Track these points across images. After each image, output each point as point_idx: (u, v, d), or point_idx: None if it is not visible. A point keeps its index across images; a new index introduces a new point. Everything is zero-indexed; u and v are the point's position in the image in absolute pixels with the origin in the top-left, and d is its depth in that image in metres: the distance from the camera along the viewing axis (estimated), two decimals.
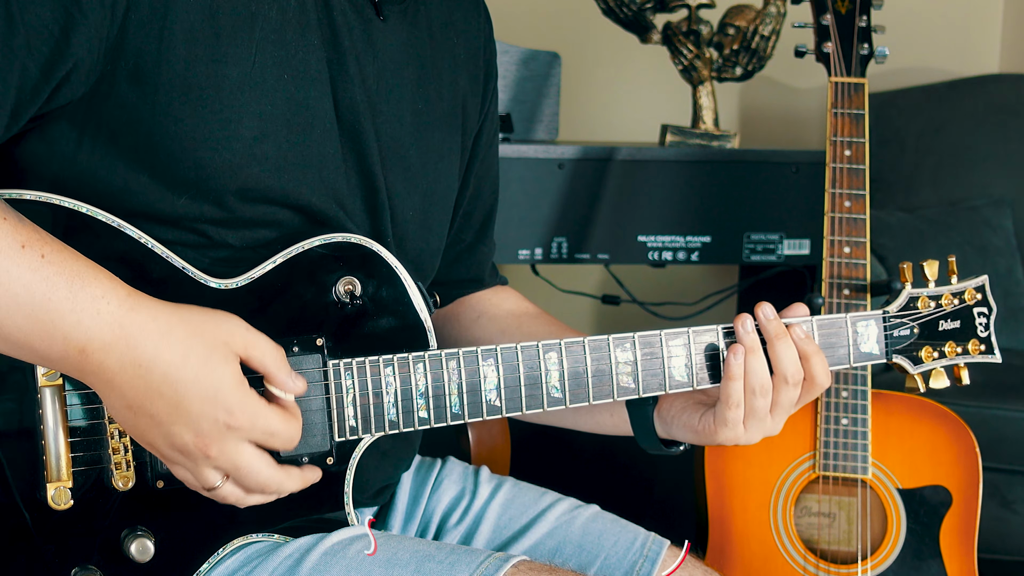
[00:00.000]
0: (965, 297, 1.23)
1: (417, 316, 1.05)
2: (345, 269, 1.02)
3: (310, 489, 1.02)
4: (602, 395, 1.08)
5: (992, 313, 1.24)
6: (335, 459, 1.03)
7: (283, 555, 1.01)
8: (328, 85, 1.04)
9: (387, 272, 1.04)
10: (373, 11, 1.09)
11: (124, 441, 0.96)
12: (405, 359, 1.03)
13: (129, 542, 0.96)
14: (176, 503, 0.98)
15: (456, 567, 0.99)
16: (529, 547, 1.18)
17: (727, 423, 1.09)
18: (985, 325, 1.24)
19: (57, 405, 0.94)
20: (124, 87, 0.94)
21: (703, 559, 1.65)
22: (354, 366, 1.02)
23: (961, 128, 2.88)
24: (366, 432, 1.03)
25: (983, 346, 1.23)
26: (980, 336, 1.23)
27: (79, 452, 0.95)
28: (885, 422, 1.61)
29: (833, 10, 1.66)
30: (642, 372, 1.09)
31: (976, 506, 1.60)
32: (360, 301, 1.03)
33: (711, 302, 2.29)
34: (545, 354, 1.06)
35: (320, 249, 1.02)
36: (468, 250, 1.31)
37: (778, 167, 2.03)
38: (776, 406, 1.10)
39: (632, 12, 2.11)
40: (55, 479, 0.94)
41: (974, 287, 1.24)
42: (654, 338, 1.09)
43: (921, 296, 1.20)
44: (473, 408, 1.05)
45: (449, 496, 1.25)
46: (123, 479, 0.96)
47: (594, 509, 1.23)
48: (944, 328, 1.21)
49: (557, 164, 1.95)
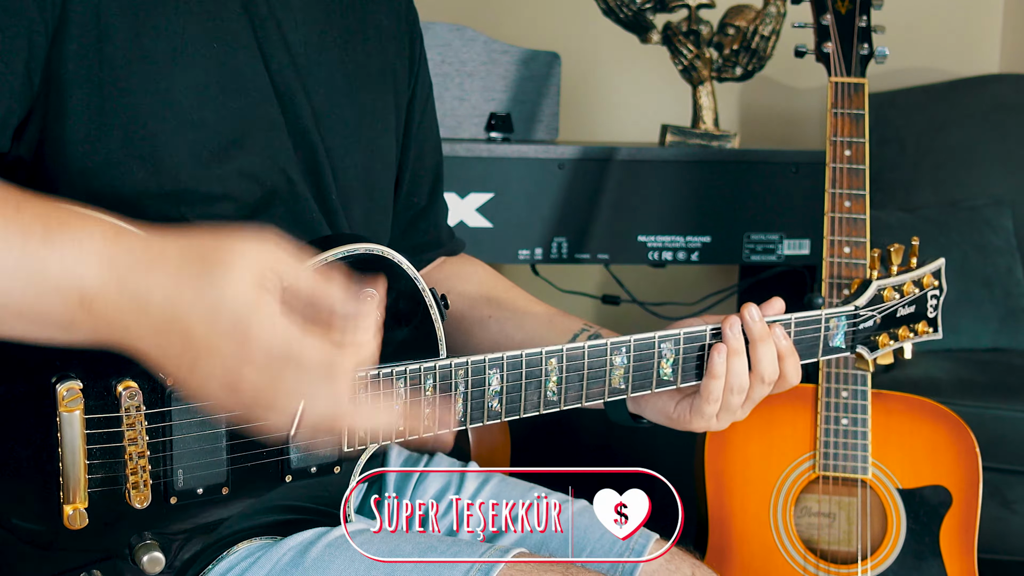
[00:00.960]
0: (923, 282, 1.26)
1: (431, 325, 1.06)
2: (365, 282, 1.03)
3: (314, 492, 1.03)
4: (595, 396, 1.10)
5: (942, 294, 1.28)
6: (342, 467, 1.04)
7: (286, 547, 1.01)
8: (257, 51, 1.06)
9: (406, 282, 1.05)
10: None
11: (142, 462, 0.94)
12: (417, 371, 1.03)
13: (141, 554, 0.96)
14: (188, 516, 0.98)
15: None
16: (514, 542, 1.19)
17: (703, 415, 1.13)
18: (935, 306, 1.28)
19: (76, 430, 0.91)
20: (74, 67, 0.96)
21: (703, 559, 1.65)
22: (368, 377, 1.02)
23: (961, 128, 2.88)
24: (374, 441, 1.04)
25: (930, 327, 1.27)
26: (928, 317, 1.26)
27: (96, 474, 0.94)
28: (885, 422, 1.61)
29: (833, 10, 1.66)
30: (633, 374, 1.10)
31: (976, 506, 1.60)
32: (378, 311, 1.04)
33: (711, 302, 2.29)
34: (547, 360, 1.07)
35: (341, 260, 1.02)
36: (422, 214, 1.33)
37: (778, 167, 2.03)
38: (748, 401, 1.13)
39: (632, 12, 2.11)
40: (71, 501, 0.93)
41: (932, 272, 1.27)
42: (649, 341, 1.10)
43: (887, 288, 1.23)
44: (475, 415, 1.06)
45: (433, 489, 1.25)
46: (139, 499, 0.95)
47: (582, 504, 1.23)
48: (901, 315, 1.25)
49: (557, 164, 1.95)
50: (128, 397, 0.91)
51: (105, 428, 0.93)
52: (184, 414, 0.96)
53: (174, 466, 0.96)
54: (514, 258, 1.95)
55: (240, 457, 0.99)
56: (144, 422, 0.94)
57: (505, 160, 1.92)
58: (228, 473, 0.98)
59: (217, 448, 0.98)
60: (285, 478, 1.02)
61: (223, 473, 0.98)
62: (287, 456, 1.01)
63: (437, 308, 1.07)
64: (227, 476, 0.98)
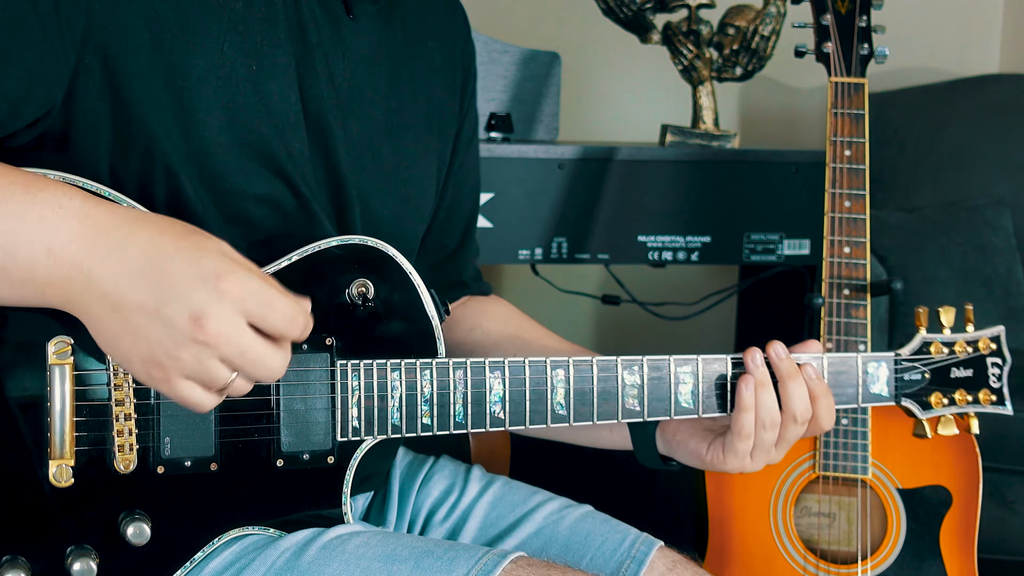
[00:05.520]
0: (979, 346, 1.22)
1: (428, 322, 1.06)
2: (359, 271, 1.03)
3: (310, 486, 1.02)
4: (607, 415, 1.09)
5: (1006, 364, 1.23)
6: (336, 458, 1.03)
7: (280, 549, 1.01)
8: (295, 80, 1.05)
9: (400, 277, 1.05)
10: (343, 9, 1.10)
11: (129, 424, 0.96)
12: (412, 365, 1.03)
13: (126, 525, 0.96)
14: (175, 489, 0.98)
15: (455, 563, 0.99)
16: (515, 546, 1.18)
17: (737, 454, 1.10)
18: (998, 376, 1.23)
19: (66, 384, 0.94)
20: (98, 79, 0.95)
21: (703, 559, 1.65)
22: (361, 368, 1.02)
23: (961, 128, 2.88)
24: (368, 434, 1.03)
25: (994, 396, 1.23)
26: (992, 387, 1.23)
27: (83, 432, 0.95)
28: (885, 422, 1.61)
29: (833, 10, 1.66)
30: (648, 396, 1.09)
31: (976, 506, 1.60)
32: (372, 304, 1.04)
33: (711, 302, 2.29)
34: (552, 371, 1.07)
35: (336, 250, 1.02)
36: (450, 257, 1.31)
37: (778, 167, 2.03)
38: (781, 440, 1.11)
39: (632, 12, 2.10)
40: (57, 457, 0.94)
41: (989, 337, 1.23)
42: (662, 363, 1.09)
43: (934, 342, 1.20)
44: (477, 419, 1.06)
45: (437, 491, 1.25)
46: (125, 462, 0.96)
47: (585, 509, 1.23)
48: (956, 375, 1.21)
49: (557, 164, 1.95)
50: None
51: (94, 384, 0.95)
52: None
53: (161, 432, 0.97)
54: (514, 258, 1.95)
55: (229, 431, 0.99)
56: (132, 384, 0.96)
57: (505, 160, 1.92)
58: (217, 447, 0.99)
59: (205, 419, 0.98)
60: (276, 462, 1.01)
61: (211, 447, 0.99)
62: (277, 436, 1.01)
63: (435, 305, 1.07)
64: (216, 451, 0.99)
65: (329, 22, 1.08)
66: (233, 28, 1.01)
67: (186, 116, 0.98)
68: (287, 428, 1.01)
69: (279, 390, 1.01)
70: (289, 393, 1.01)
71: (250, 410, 1.00)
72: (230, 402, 0.98)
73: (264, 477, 1.02)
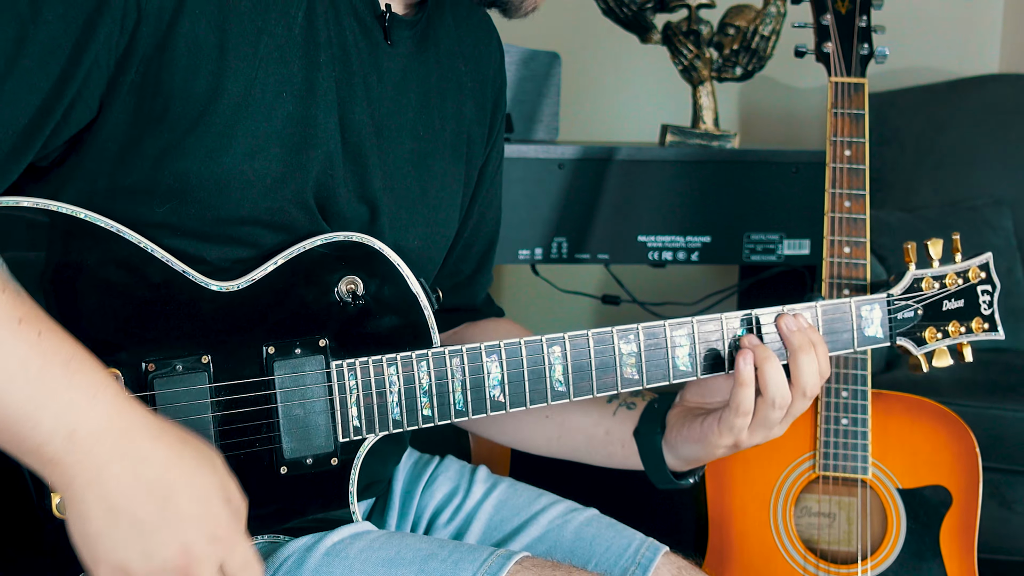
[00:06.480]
0: (969, 276, 1.21)
1: (421, 313, 1.05)
2: (347, 268, 1.02)
3: (316, 489, 1.02)
4: (606, 387, 1.08)
5: (996, 290, 1.22)
6: (339, 459, 1.03)
7: (283, 556, 1.01)
8: (336, 105, 1.03)
9: (389, 270, 1.04)
10: (382, 35, 1.08)
11: None
12: (408, 357, 1.03)
13: None
14: None
15: (460, 565, 0.98)
16: (520, 548, 1.18)
17: (732, 429, 1.09)
18: (989, 303, 1.22)
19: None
20: (127, 98, 0.94)
21: (702, 560, 1.65)
22: (357, 366, 1.02)
23: (961, 128, 2.88)
24: (370, 432, 1.03)
25: (986, 324, 1.22)
26: (984, 314, 1.21)
27: None
28: (885, 422, 1.61)
29: (833, 10, 1.65)
30: (646, 363, 1.08)
31: (976, 506, 1.60)
32: (363, 300, 1.03)
33: (711, 302, 2.29)
34: (549, 348, 1.06)
35: (322, 249, 1.02)
36: (466, 282, 1.30)
37: (778, 167, 2.03)
38: (788, 416, 1.09)
39: (632, 12, 2.10)
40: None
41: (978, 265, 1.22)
42: (658, 328, 1.09)
43: (925, 277, 1.19)
44: (477, 405, 1.05)
45: (441, 494, 1.24)
46: None
47: (591, 513, 1.22)
48: (948, 308, 1.20)
49: (557, 164, 1.94)
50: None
51: None
52: (168, 399, 0.96)
53: None
54: (514, 258, 1.95)
55: (231, 443, 0.99)
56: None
57: (505, 160, 1.91)
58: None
59: (206, 432, 0.97)
60: (280, 469, 1.01)
61: None
62: (278, 444, 1.01)
63: (426, 296, 1.06)
64: None
65: (368, 47, 1.06)
66: (270, 54, 0.98)
67: (212, 141, 0.96)
68: (288, 434, 1.00)
69: (277, 397, 1.00)
70: (287, 399, 1.00)
71: (250, 420, 0.99)
72: (230, 413, 0.98)
73: (269, 485, 1.01)
